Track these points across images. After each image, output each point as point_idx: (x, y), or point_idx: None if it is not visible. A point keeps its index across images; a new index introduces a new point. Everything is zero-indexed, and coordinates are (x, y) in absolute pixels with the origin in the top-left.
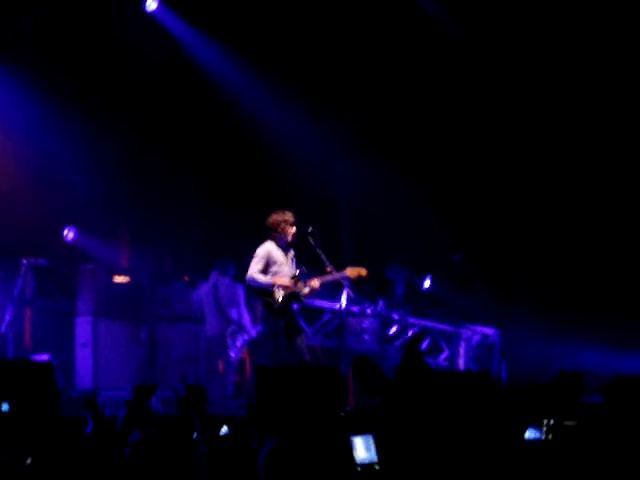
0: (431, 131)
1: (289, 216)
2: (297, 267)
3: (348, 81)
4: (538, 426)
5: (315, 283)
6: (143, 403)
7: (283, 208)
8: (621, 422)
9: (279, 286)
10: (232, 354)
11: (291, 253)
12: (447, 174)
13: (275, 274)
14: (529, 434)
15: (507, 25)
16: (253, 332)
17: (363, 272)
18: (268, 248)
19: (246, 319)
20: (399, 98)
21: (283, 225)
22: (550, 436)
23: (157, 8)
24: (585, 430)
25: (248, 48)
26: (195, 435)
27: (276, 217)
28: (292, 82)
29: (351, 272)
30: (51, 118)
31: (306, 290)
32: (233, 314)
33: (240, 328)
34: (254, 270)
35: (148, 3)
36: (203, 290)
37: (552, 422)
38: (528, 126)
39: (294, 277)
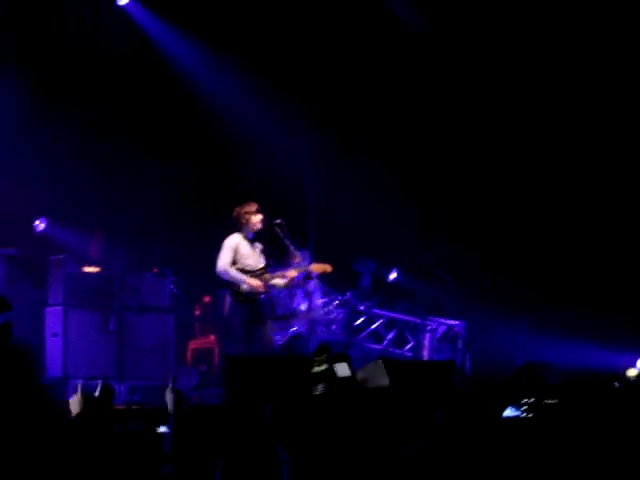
0: (398, 119)
1: (252, 206)
2: (265, 260)
3: (314, 68)
4: (517, 405)
5: (292, 273)
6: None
7: (249, 200)
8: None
9: (250, 285)
10: None
11: (259, 246)
12: (415, 165)
13: (241, 266)
14: (508, 412)
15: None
16: None
17: (328, 269)
18: (235, 239)
19: None
20: (367, 84)
21: (247, 216)
22: (530, 414)
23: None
24: (566, 408)
25: (213, 34)
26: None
27: (239, 209)
28: (256, 68)
29: (316, 268)
30: (22, 108)
31: (282, 282)
32: None
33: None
34: (225, 262)
35: None
36: None
37: (532, 400)
38: (496, 114)
39: (262, 269)
